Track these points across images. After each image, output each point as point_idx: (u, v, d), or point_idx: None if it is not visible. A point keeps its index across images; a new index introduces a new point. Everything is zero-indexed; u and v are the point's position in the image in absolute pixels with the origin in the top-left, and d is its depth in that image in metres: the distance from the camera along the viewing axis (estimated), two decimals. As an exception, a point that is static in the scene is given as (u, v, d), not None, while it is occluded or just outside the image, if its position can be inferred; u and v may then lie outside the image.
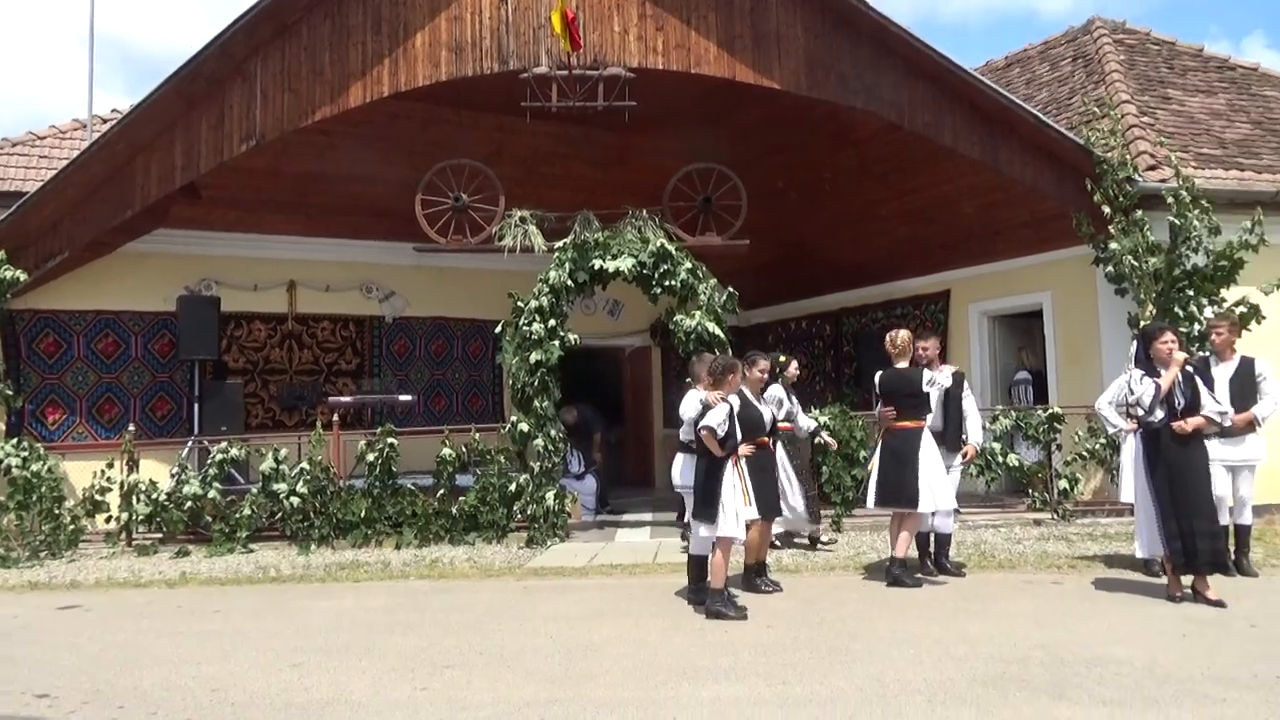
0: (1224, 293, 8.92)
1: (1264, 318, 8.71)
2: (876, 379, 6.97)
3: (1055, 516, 9.11)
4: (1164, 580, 6.35)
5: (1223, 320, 7.32)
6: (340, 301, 12.26)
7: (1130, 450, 6.78)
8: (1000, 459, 9.08)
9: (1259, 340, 8.71)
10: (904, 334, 6.95)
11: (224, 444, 9.19)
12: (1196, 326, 8.85)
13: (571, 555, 8.33)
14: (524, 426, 9.01)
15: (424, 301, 12.67)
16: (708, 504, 5.91)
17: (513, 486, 8.98)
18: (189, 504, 8.92)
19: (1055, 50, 13.14)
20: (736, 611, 5.86)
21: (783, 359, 8.10)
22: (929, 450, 6.69)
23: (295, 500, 8.85)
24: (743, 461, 6.12)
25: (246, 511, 8.90)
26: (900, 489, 6.66)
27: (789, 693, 4.37)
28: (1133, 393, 6.20)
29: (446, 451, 9.12)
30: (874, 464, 6.87)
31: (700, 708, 4.20)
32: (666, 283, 9.24)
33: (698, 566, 6.24)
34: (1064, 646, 5.01)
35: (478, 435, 9.33)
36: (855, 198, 11.89)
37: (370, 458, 9.04)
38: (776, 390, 7.62)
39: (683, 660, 4.96)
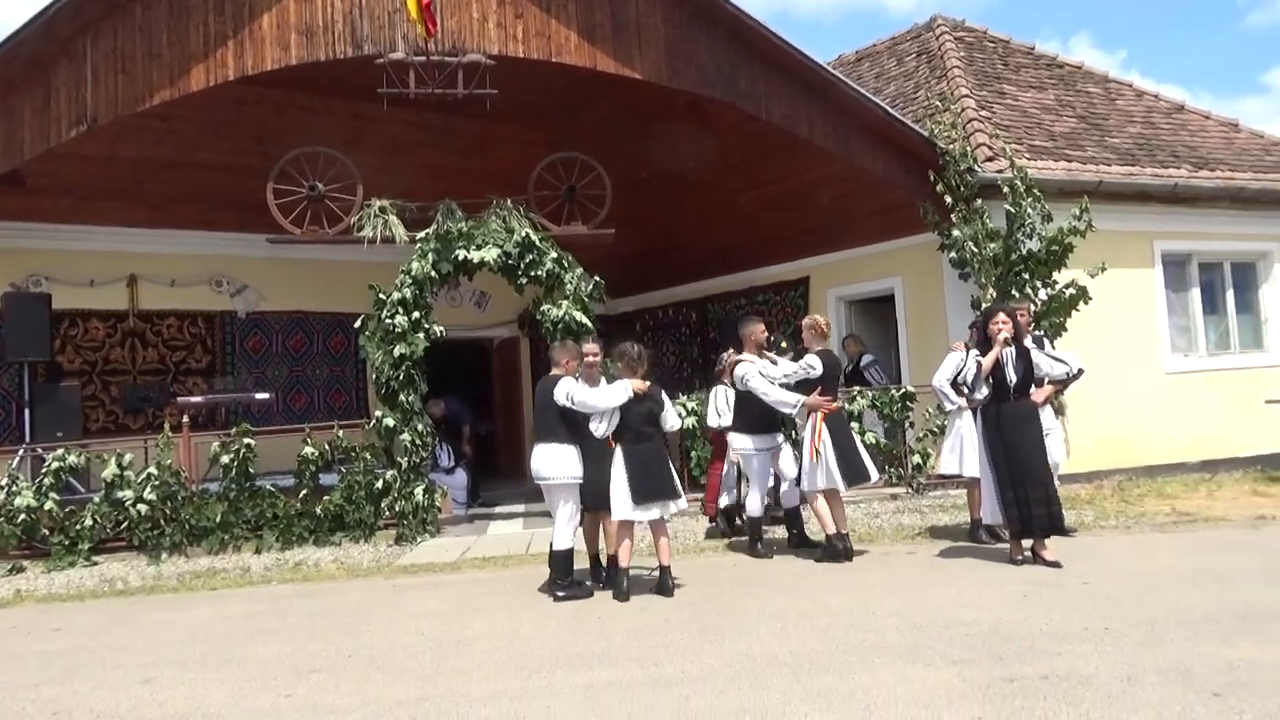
0: (1056, 275, 9.57)
1: (1091, 298, 9.40)
2: (814, 361, 6.99)
3: (910, 490, 9.59)
4: (990, 542, 6.83)
5: (1022, 304, 7.94)
6: (187, 296, 11.63)
7: (959, 425, 7.28)
8: (859, 437, 9.45)
9: (1087, 318, 9.44)
10: (825, 319, 7.29)
11: (60, 451, 8.56)
12: (1032, 308, 9.47)
13: (442, 551, 8.20)
14: (390, 421, 8.79)
15: (280, 295, 12.16)
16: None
17: (380, 483, 8.76)
18: (22, 517, 8.27)
19: (902, 46, 13.76)
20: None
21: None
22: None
23: (143, 508, 8.34)
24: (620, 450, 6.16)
25: (88, 522, 8.33)
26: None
27: (661, 673, 4.45)
28: (964, 369, 6.62)
29: (308, 450, 8.80)
30: (825, 447, 6.91)
31: (574, 694, 4.23)
32: (533, 273, 9.19)
33: (562, 560, 6.23)
34: (918, 612, 5.29)
35: (341, 432, 9.04)
36: (718, 187, 12.14)
37: (225, 459, 8.62)
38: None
39: (556, 649, 4.97)
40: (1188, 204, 11.02)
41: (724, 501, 8.22)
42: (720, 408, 7.80)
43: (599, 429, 6.12)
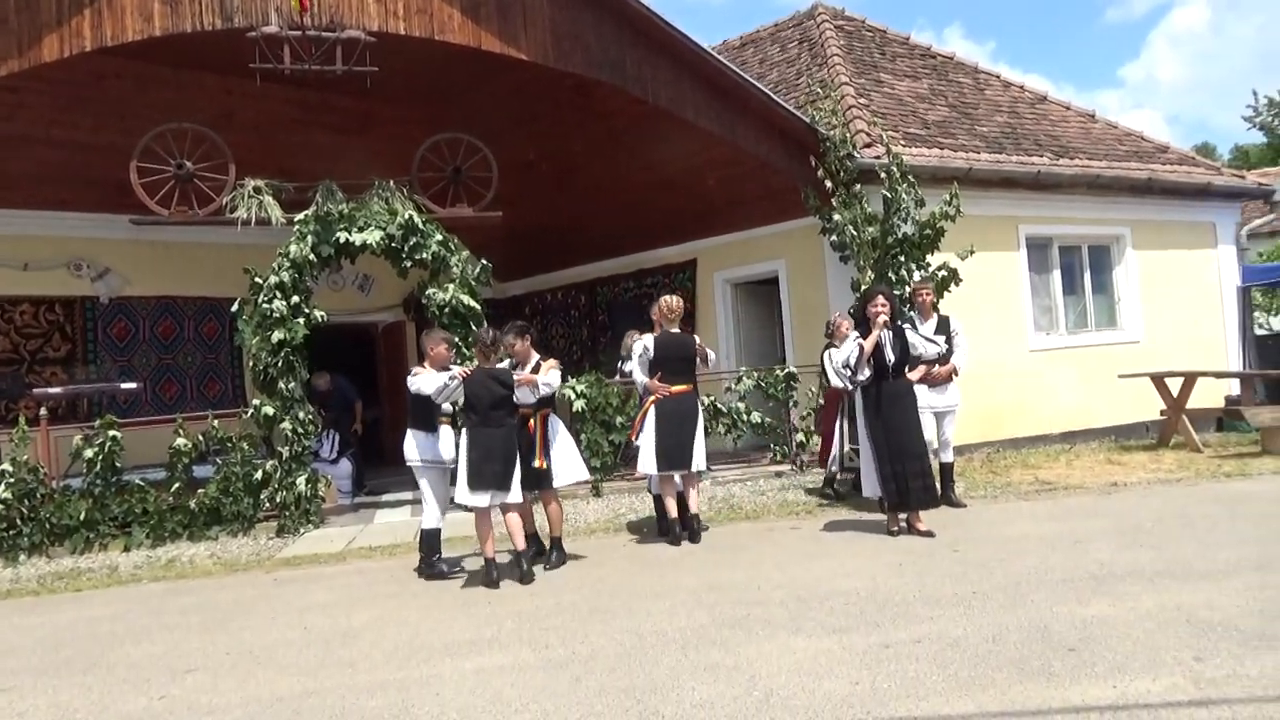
0: (930, 258, 9.96)
1: (961, 280, 9.84)
2: (649, 343, 7.04)
3: (794, 467, 9.87)
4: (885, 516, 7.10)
5: (925, 283, 8.23)
6: (43, 281, 10.92)
7: (855, 403, 7.51)
8: (745, 417, 9.68)
9: (958, 299, 9.86)
10: (677, 299, 7.19)
11: (-99, 448, 7.95)
12: (907, 289, 9.85)
13: (327, 541, 8.00)
14: (269, 410, 8.49)
15: (146, 279, 11.55)
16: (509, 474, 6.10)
17: (259, 474, 8.46)
18: None
19: (784, 33, 14.01)
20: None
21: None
22: (699, 413, 7.07)
23: (-3, 507, 7.83)
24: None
25: (-65, 524, 7.77)
26: (681, 451, 6.94)
27: (552, 655, 4.47)
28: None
29: (181, 441, 8.42)
30: (649, 429, 6.98)
31: (464, 680, 4.21)
32: (417, 255, 9.00)
33: (430, 539, 6.38)
34: (801, 585, 5.47)
35: (216, 422, 8.67)
36: (606, 169, 12.13)
37: (89, 454, 8.16)
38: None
39: (446, 636, 4.93)
40: (1049, 190, 11.64)
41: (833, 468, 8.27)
42: (835, 369, 7.63)
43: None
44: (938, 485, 7.62)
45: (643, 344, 7.07)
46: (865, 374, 6.79)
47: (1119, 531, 6.48)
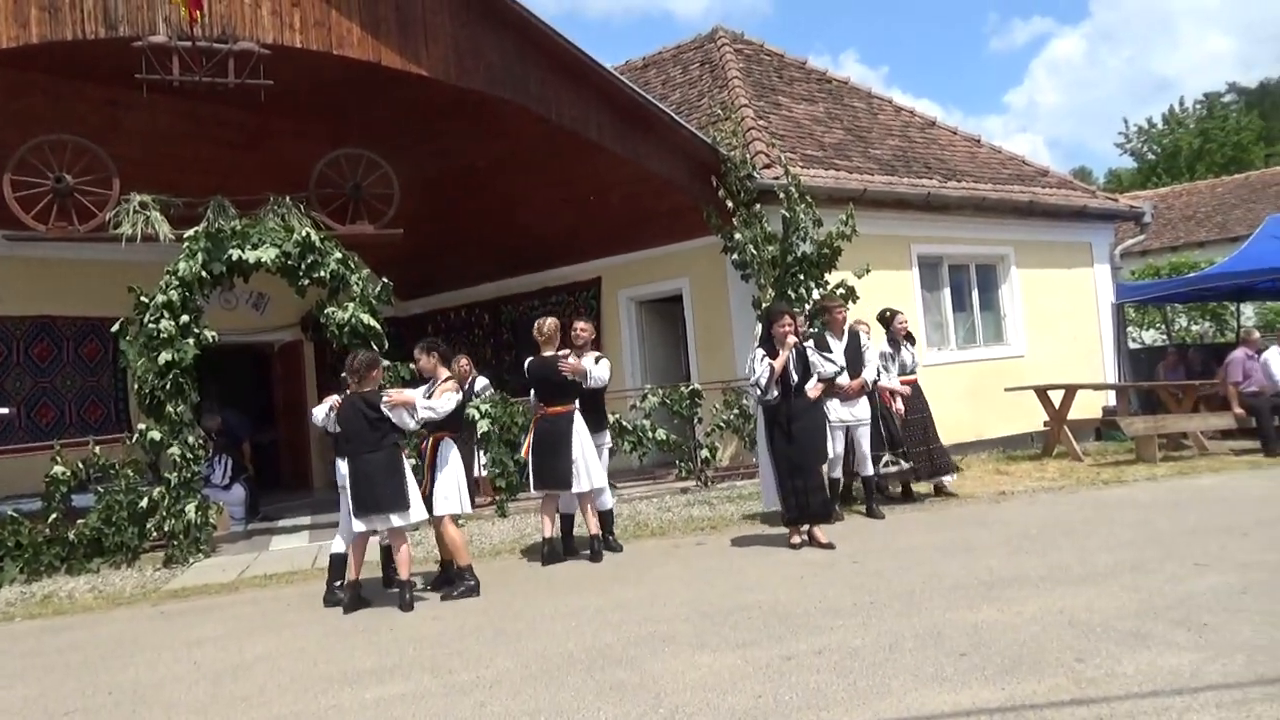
0: (828, 276, 10.24)
1: (859, 297, 10.14)
2: (525, 366, 7.12)
3: (699, 483, 9.97)
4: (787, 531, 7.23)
5: (835, 300, 8.47)
6: (-96, 300, 10.23)
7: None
8: (650, 434, 9.73)
9: (855, 316, 10.13)
10: (551, 321, 7.16)
11: None
12: (808, 307, 10.10)
13: (219, 571, 7.69)
14: (155, 435, 8.13)
15: (20, 298, 10.94)
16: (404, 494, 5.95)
17: (144, 502, 8.07)
18: None
19: (686, 55, 14.25)
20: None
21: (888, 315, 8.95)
22: (580, 432, 6.98)
23: None
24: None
25: None
26: (555, 471, 6.91)
27: (455, 681, 4.40)
28: (754, 372, 6.96)
29: (59, 469, 7.98)
30: (527, 448, 7.04)
31: (364, 711, 4.10)
32: (315, 274, 8.78)
33: (335, 564, 6.23)
34: (705, 600, 5.52)
35: (98, 448, 8.25)
36: (511, 187, 12.08)
37: (-45, 484, 7.66)
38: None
39: (345, 666, 4.79)
40: (939, 211, 12.12)
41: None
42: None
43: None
44: (859, 496, 8.09)
45: (525, 369, 7.15)
46: (774, 393, 6.92)
47: (1007, 539, 6.76)
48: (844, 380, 7.80)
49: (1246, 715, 3.38)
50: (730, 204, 10.16)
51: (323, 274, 8.79)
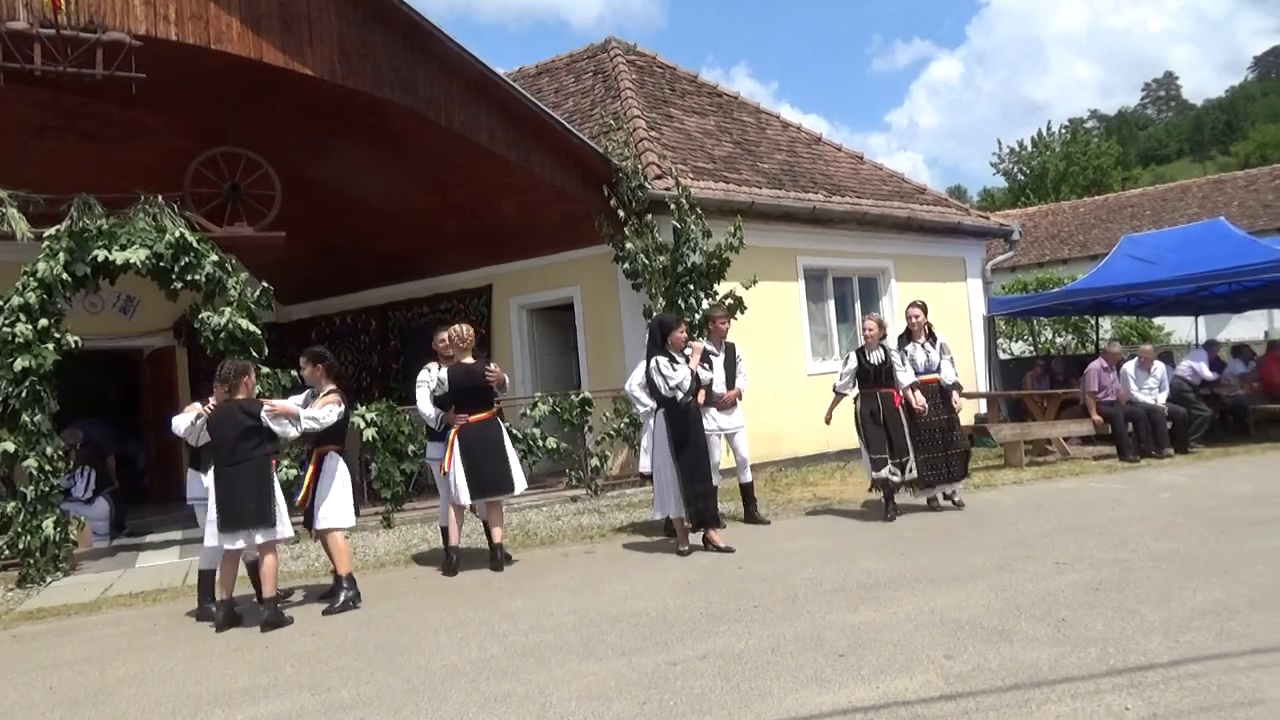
0: (717, 287, 10.43)
1: (746, 308, 10.35)
2: (444, 376, 6.92)
3: (589, 492, 9.97)
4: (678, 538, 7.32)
5: (718, 310, 8.60)
6: None
7: (651, 426, 7.69)
8: (541, 443, 9.69)
9: (743, 327, 10.35)
10: (467, 329, 7.10)
11: None
12: (697, 316, 10.25)
13: (79, 589, 7.25)
14: (9, 446, 7.61)
15: None
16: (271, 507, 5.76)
17: (-3, 518, 7.55)
18: None
19: (579, 64, 14.30)
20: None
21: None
22: (506, 436, 7.03)
23: None
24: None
25: None
26: (495, 477, 6.88)
27: (334, 699, 4.28)
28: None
29: (-102, 484, 7.39)
30: (455, 464, 6.84)
31: (236, 733, 3.94)
32: (189, 277, 8.40)
33: (202, 579, 6.05)
34: (593, 609, 5.53)
35: (-56, 461, 7.67)
36: (400, 191, 11.84)
37: None
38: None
39: (216, 686, 4.59)
40: (824, 225, 12.50)
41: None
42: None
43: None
44: (742, 505, 8.12)
45: (437, 377, 6.95)
46: (690, 398, 7.06)
47: (884, 542, 7.00)
48: (720, 389, 7.89)
49: (1099, 705, 3.60)
50: (622, 214, 10.24)
51: (197, 277, 8.42)
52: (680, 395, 7.04)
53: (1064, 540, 6.59)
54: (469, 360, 6.99)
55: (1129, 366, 11.63)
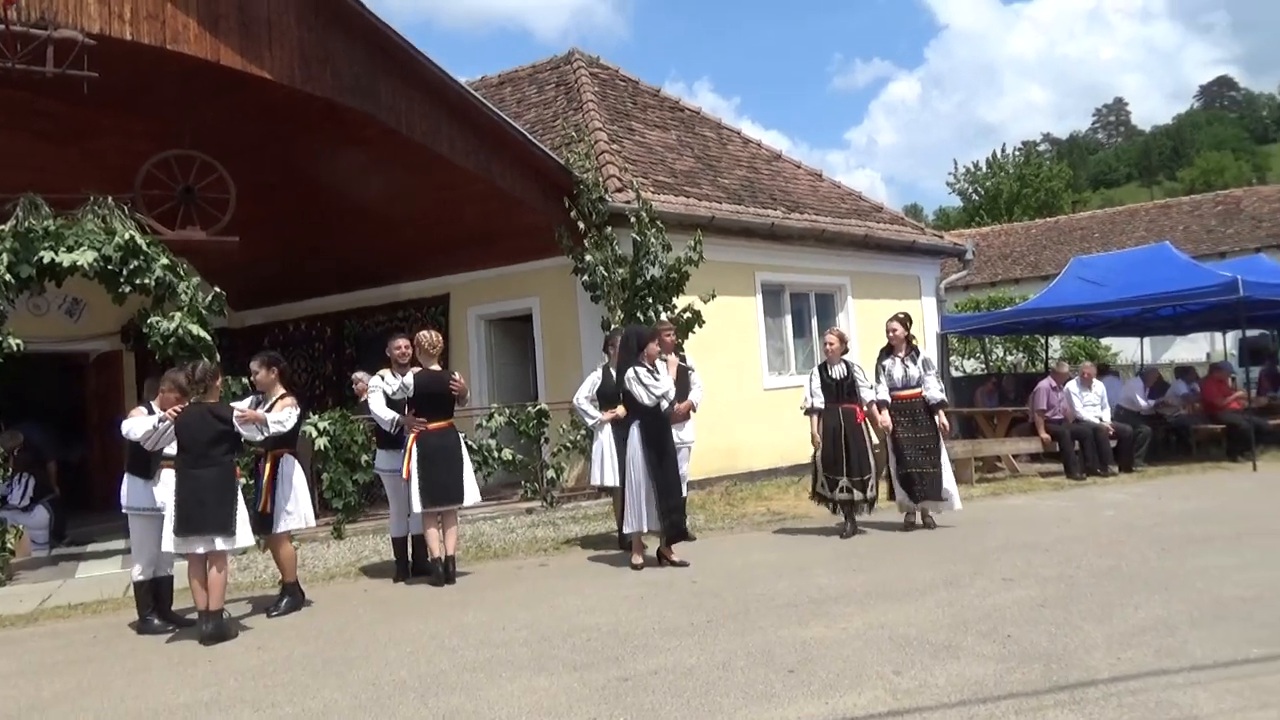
0: (675, 300, 10.46)
1: (705, 322, 10.40)
2: (408, 381, 6.83)
3: (544, 504, 9.93)
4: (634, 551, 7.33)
5: (665, 324, 8.62)
6: None
7: (601, 439, 7.69)
8: (496, 454, 9.63)
9: (701, 340, 10.41)
10: (436, 334, 7.09)
11: None
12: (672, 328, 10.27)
13: (15, 600, 7.04)
14: (-55, 451, 7.39)
15: None
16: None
17: (-70, 526, 7.32)
18: None
19: (542, 75, 14.30)
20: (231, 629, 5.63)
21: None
22: (462, 446, 7.01)
23: None
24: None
25: None
26: (448, 487, 6.81)
27: (279, 715, 4.20)
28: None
29: None
30: (413, 470, 6.78)
31: (175, 749, 3.85)
32: (138, 280, 8.23)
33: (141, 593, 5.88)
34: (546, 623, 5.50)
35: (-125, 466, 7.42)
36: (358, 198, 11.73)
37: None
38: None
39: (156, 702, 4.48)
40: (782, 241, 12.62)
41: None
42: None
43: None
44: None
45: (402, 382, 6.86)
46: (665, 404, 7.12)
47: (837, 557, 7.07)
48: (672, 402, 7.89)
49: (1040, 721, 3.66)
50: (582, 225, 10.24)
51: (147, 280, 8.25)
52: (665, 405, 7.06)
53: (1011, 557, 6.70)
54: (436, 367, 6.97)
55: (1072, 384, 11.89)
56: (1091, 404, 11.68)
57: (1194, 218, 27.28)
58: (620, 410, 7.62)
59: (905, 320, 8.26)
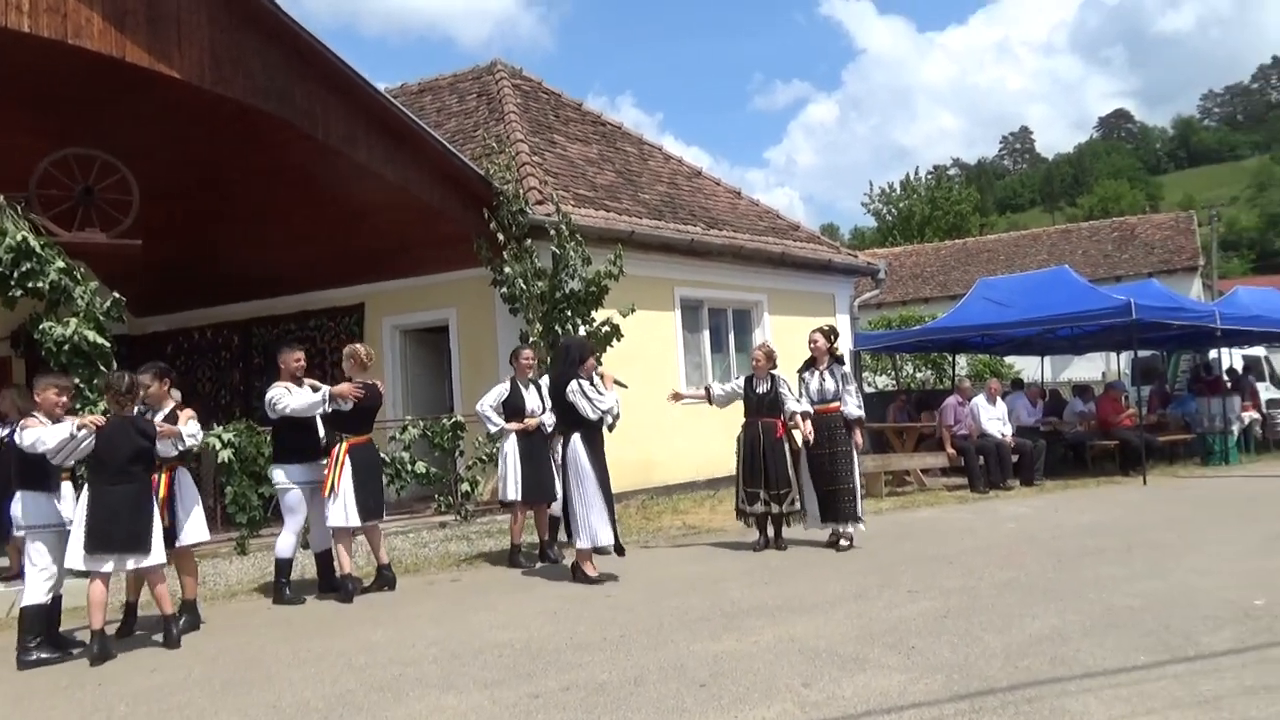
0: (594, 314, 10.46)
1: (623, 336, 10.42)
2: (324, 396, 6.69)
3: (459, 518, 9.79)
4: (529, 566, 7.48)
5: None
6: None
7: (505, 450, 7.59)
8: (410, 467, 9.45)
9: (619, 354, 10.43)
10: (369, 348, 7.16)
11: None
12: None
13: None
14: None
15: None
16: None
17: None
18: None
19: (463, 84, 14.19)
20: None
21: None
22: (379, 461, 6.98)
23: None
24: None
25: None
26: (378, 502, 6.89)
27: (173, 739, 4.04)
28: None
29: None
30: (346, 480, 6.68)
31: (59, 778, 3.66)
32: (30, 284, 7.81)
33: (33, 618, 5.50)
34: (457, 640, 5.42)
35: None
36: (270, 203, 11.43)
37: None
38: None
39: (40, 727, 4.26)
40: (701, 257, 12.75)
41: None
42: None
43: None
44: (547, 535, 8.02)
45: (320, 394, 6.71)
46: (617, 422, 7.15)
47: (750, 571, 7.15)
48: (549, 420, 7.80)
49: (941, 730, 3.76)
50: (501, 237, 10.17)
51: (40, 284, 7.85)
52: (610, 420, 7.02)
53: (918, 569, 6.88)
54: (373, 381, 6.98)
55: (978, 400, 12.31)
56: (995, 419, 12.11)
57: (1092, 243, 28.61)
58: (530, 423, 7.61)
59: (828, 333, 8.26)
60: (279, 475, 6.84)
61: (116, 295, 8.35)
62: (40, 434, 5.42)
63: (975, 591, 6.07)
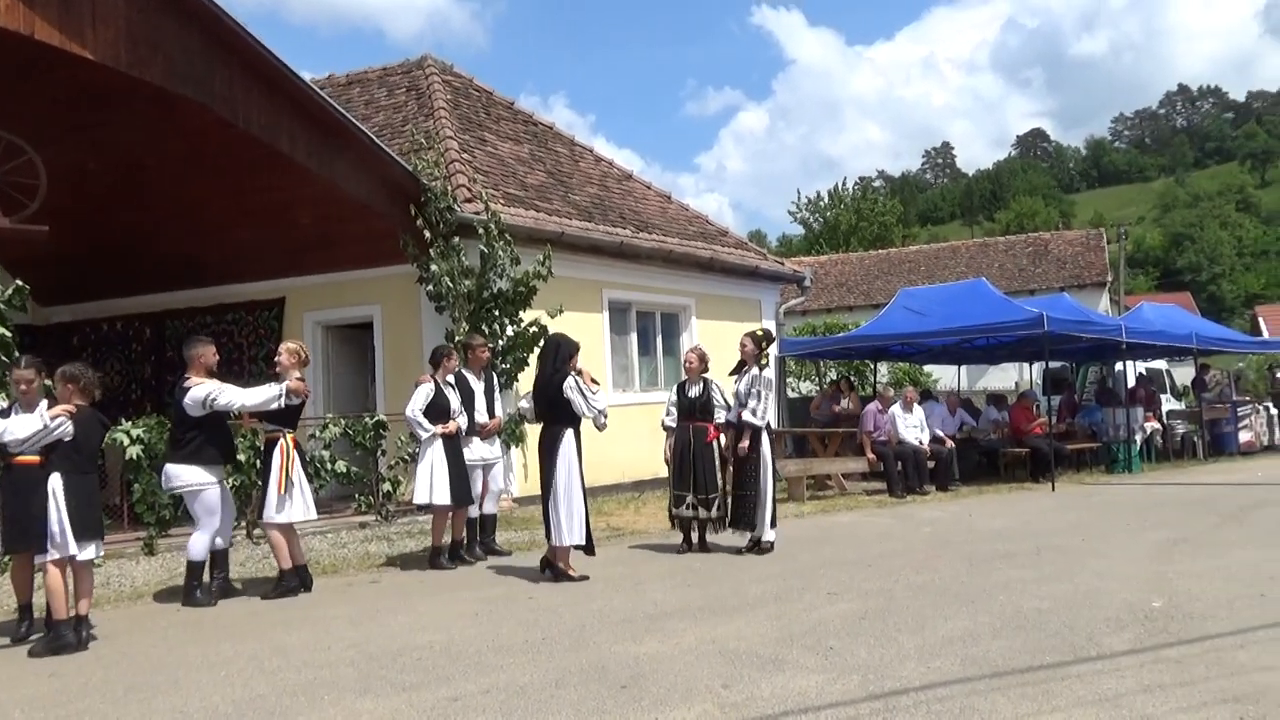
0: (522, 314, 10.41)
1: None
2: (283, 391, 6.56)
3: (379, 518, 9.62)
4: (453, 567, 7.42)
5: (477, 338, 8.54)
6: None
7: (430, 454, 7.47)
8: (330, 466, 9.25)
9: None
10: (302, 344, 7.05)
11: None
12: (501, 343, 10.18)
13: None
14: None
15: None
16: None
17: None
18: None
19: (393, 78, 13.95)
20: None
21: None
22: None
23: None
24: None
25: None
26: (306, 498, 6.79)
27: (70, 746, 3.87)
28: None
29: None
30: (296, 473, 6.71)
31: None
32: (-75, 269, 7.45)
33: None
34: (374, 642, 5.32)
35: None
36: (186, 191, 11.05)
37: None
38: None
39: (-75, 736, 4.04)
40: (630, 260, 12.79)
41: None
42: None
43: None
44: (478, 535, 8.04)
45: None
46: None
47: (673, 573, 7.18)
48: (482, 418, 7.83)
49: (856, 729, 3.83)
50: (428, 234, 10.04)
51: (-64, 270, 7.48)
52: (603, 420, 7.01)
53: (837, 572, 7.00)
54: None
55: (896, 408, 12.61)
56: (913, 426, 12.41)
57: (1008, 257, 29.57)
58: (452, 426, 7.49)
59: (760, 338, 8.14)
60: (198, 474, 6.53)
61: (20, 283, 7.99)
62: (9, 423, 5.32)
63: (892, 594, 6.21)
